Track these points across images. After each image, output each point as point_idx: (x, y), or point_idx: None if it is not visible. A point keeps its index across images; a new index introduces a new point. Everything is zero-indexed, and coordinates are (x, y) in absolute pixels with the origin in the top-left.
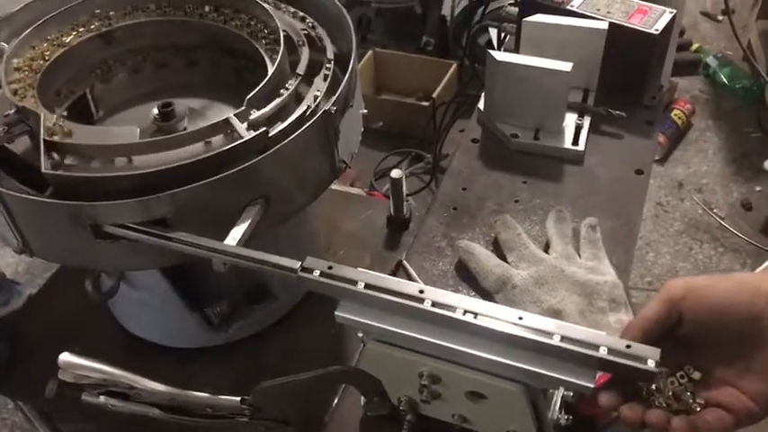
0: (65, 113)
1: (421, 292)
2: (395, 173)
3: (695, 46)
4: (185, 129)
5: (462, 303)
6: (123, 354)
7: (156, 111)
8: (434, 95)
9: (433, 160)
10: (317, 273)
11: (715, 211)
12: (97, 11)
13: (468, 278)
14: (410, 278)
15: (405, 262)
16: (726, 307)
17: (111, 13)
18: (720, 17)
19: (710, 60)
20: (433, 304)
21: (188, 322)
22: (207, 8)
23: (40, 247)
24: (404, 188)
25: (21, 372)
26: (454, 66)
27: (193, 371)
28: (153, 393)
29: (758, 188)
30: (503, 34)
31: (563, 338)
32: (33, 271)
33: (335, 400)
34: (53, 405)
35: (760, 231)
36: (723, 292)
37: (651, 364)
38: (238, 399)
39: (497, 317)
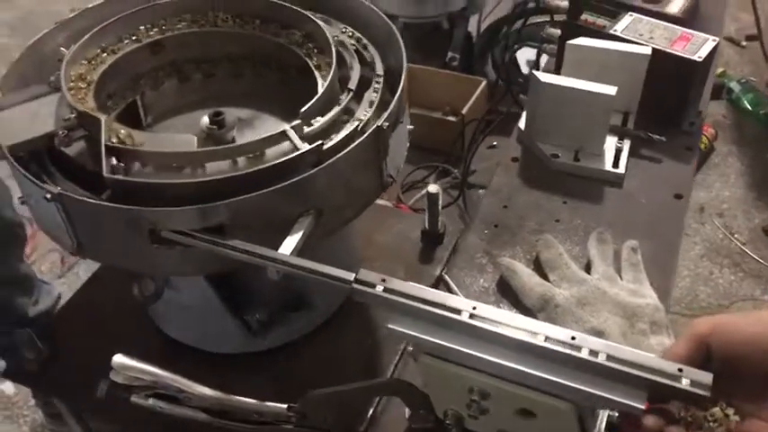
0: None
1: (474, 308)
2: (432, 188)
3: (719, 71)
4: (233, 138)
5: (515, 322)
6: (159, 356)
7: (206, 119)
8: (464, 111)
9: (461, 175)
10: (372, 285)
11: (736, 236)
12: (149, 21)
13: (509, 295)
14: (451, 293)
15: (446, 277)
16: (751, 343)
17: (163, 22)
18: (744, 43)
19: (734, 86)
20: (487, 321)
21: (227, 328)
22: (257, 21)
23: (95, 250)
24: (440, 203)
25: (59, 370)
26: (484, 83)
27: (229, 376)
28: (202, 398)
29: None
30: (542, 54)
31: (617, 360)
32: None
33: (370, 412)
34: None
35: None
36: (750, 327)
37: (703, 388)
38: (285, 406)
39: (551, 336)
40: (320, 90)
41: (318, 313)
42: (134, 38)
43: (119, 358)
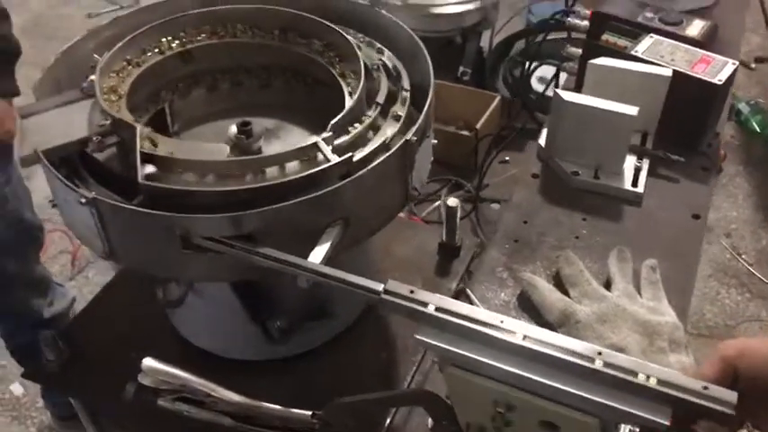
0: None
1: (501, 321)
2: (451, 201)
3: None
4: (260, 147)
5: (542, 336)
6: (178, 361)
7: (234, 129)
8: (478, 126)
9: (475, 189)
10: (401, 296)
11: (743, 256)
12: (179, 31)
13: (529, 310)
14: None
15: (468, 290)
16: None
17: (192, 32)
18: (753, 65)
19: (743, 107)
20: (514, 335)
21: (248, 334)
22: (287, 34)
23: (126, 254)
24: (458, 216)
25: (80, 372)
26: (498, 98)
27: (247, 383)
28: (229, 403)
29: None
30: (560, 72)
31: (647, 378)
32: None
33: (387, 421)
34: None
35: None
36: None
37: (727, 406)
38: (309, 413)
39: (577, 351)
40: (349, 103)
41: (337, 323)
42: (164, 47)
43: (148, 361)
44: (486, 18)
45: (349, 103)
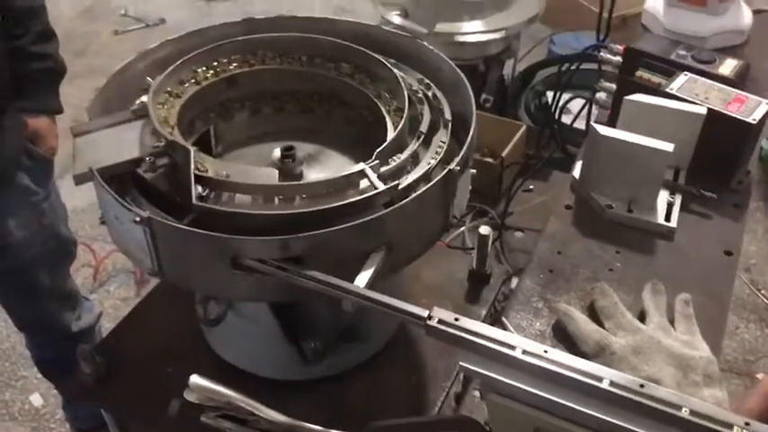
0: None
1: (545, 351)
2: (483, 229)
3: None
4: (302, 172)
5: (585, 367)
6: (212, 378)
7: (278, 153)
8: (504, 154)
9: (499, 217)
10: (446, 323)
11: (762, 291)
12: (226, 56)
13: (564, 340)
14: None
15: (504, 319)
16: None
17: (238, 58)
18: None
19: (764, 143)
20: (557, 365)
21: (282, 355)
22: (331, 62)
23: (175, 273)
24: (489, 244)
25: (114, 385)
26: (524, 127)
27: (279, 402)
28: (271, 422)
29: None
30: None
31: (690, 411)
32: None
33: None
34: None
35: None
36: None
37: None
38: None
39: (620, 383)
40: (392, 131)
41: (369, 346)
42: (212, 71)
43: (196, 378)
44: (509, 47)
45: (393, 132)
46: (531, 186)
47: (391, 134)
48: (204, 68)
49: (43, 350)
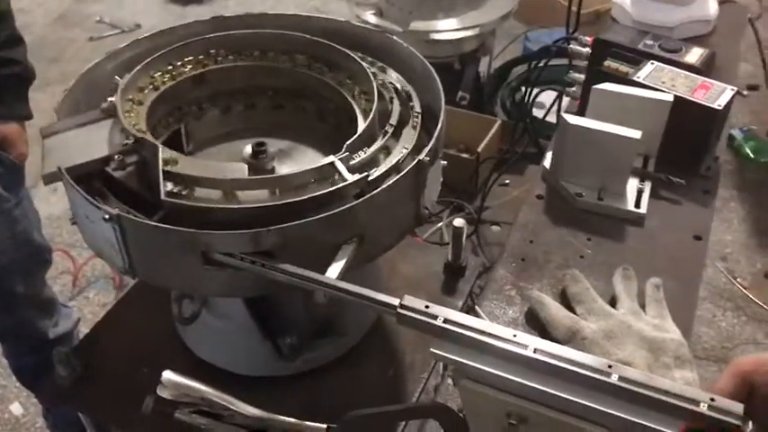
0: None
1: (514, 336)
2: (457, 222)
3: None
4: (274, 167)
5: (554, 349)
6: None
7: (249, 149)
8: (480, 149)
9: (475, 211)
10: (417, 311)
11: (738, 280)
12: (195, 54)
13: (536, 326)
14: None
15: (477, 308)
16: None
17: (207, 55)
18: (746, 92)
19: (736, 133)
20: (526, 348)
21: (258, 351)
22: (301, 58)
23: (146, 270)
24: (464, 237)
25: (90, 387)
26: (498, 122)
27: (257, 399)
28: (246, 416)
29: None
30: (563, 97)
31: (653, 388)
32: None
33: None
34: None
35: None
36: None
37: (734, 417)
38: (324, 426)
39: (589, 365)
40: (362, 125)
41: (346, 340)
42: (181, 69)
43: (168, 374)
44: (484, 45)
45: (363, 124)
46: (507, 181)
47: (362, 128)
48: (173, 67)
49: (21, 358)
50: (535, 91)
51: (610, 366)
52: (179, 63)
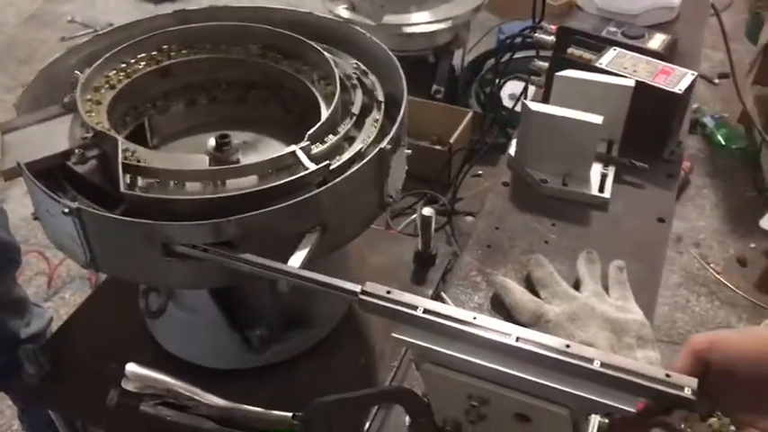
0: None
1: (474, 318)
2: (426, 210)
3: (695, 106)
4: (238, 160)
5: (514, 331)
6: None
7: (213, 142)
8: (451, 141)
9: (449, 202)
10: (378, 296)
11: (712, 265)
12: (158, 47)
13: (501, 311)
14: None
15: (443, 294)
16: (746, 357)
17: (170, 49)
18: (717, 80)
19: (708, 121)
20: (487, 330)
21: (227, 344)
22: (264, 50)
23: (108, 263)
24: (433, 225)
25: (59, 384)
26: (470, 113)
27: (227, 392)
28: (211, 407)
29: (753, 245)
30: (529, 86)
31: (609, 366)
32: None
33: (368, 423)
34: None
35: (754, 287)
36: (743, 343)
37: (688, 391)
38: (290, 414)
39: (547, 344)
40: (325, 114)
41: (316, 331)
42: (143, 63)
43: (132, 367)
44: (457, 37)
45: (325, 113)
46: (480, 172)
47: (324, 117)
48: (135, 60)
49: None
50: (502, 82)
51: (567, 346)
52: (140, 57)
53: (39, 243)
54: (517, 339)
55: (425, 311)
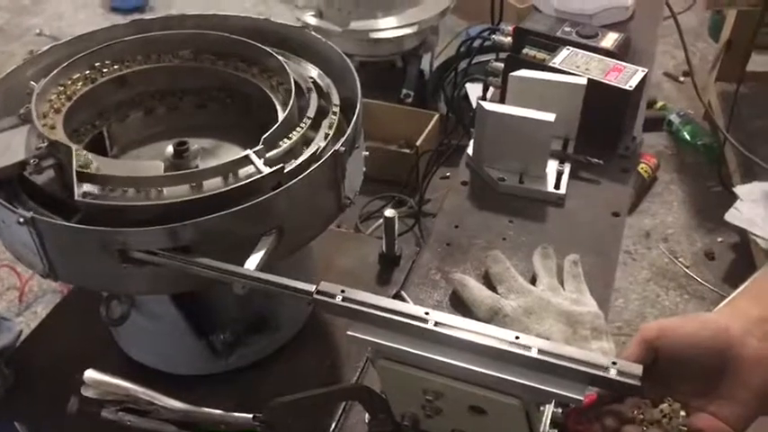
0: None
1: (426, 314)
2: (388, 212)
3: (660, 104)
4: (197, 166)
5: (464, 324)
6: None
7: (171, 149)
8: (418, 144)
9: (416, 205)
10: (332, 296)
11: (680, 259)
12: (114, 57)
13: (460, 308)
14: None
15: (403, 293)
16: (694, 343)
17: (127, 58)
18: (682, 78)
19: (674, 118)
20: (438, 325)
21: (192, 350)
22: (221, 57)
23: (66, 272)
24: (396, 226)
25: (23, 395)
26: (437, 116)
27: (194, 398)
28: (171, 411)
29: (720, 239)
30: (489, 87)
31: (555, 355)
32: None
33: (334, 423)
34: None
35: (722, 280)
36: (691, 330)
37: (634, 378)
38: (251, 416)
39: (497, 336)
40: (280, 118)
41: (281, 334)
42: (100, 73)
43: (90, 373)
44: (425, 42)
45: (281, 117)
46: (448, 174)
47: (279, 121)
48: (92, 70)
49: None
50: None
51: (517, 337)
52: (96, 66)
53: (9, 258)
54: (466, 333)
55: (378, 308)
